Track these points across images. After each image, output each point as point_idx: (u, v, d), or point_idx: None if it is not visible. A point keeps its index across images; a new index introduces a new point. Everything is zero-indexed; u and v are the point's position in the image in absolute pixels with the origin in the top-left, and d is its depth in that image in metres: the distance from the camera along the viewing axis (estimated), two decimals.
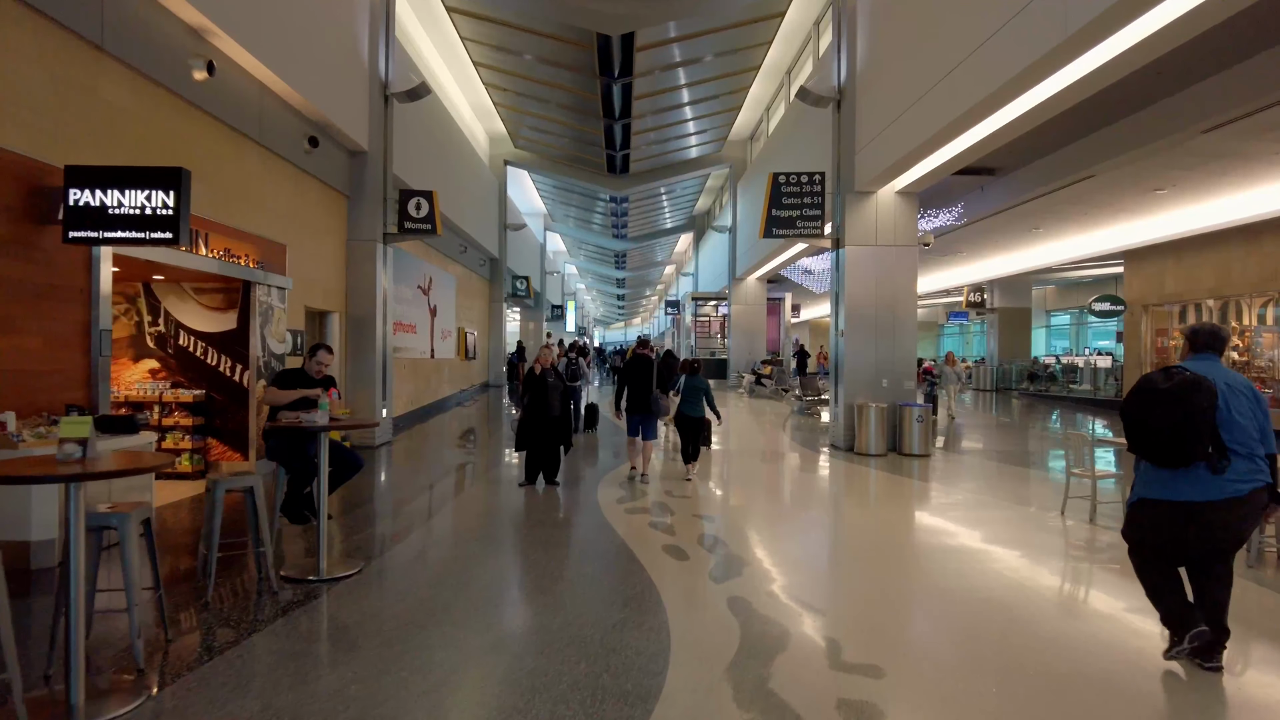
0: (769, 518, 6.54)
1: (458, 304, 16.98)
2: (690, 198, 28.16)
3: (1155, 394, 2.98)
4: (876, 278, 10.23)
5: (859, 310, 10.18)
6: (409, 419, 12.86)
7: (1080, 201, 13.69)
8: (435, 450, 10.51)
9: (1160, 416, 2.94)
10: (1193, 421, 2.88)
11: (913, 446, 9.70)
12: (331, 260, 9.75)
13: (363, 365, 10.11)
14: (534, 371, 7.09)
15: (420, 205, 10.43)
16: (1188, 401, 2.88)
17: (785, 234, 10.39)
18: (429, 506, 6.78)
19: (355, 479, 5.50)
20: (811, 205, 10.38)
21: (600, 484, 7.52)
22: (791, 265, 20.77)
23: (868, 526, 6.29)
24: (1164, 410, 2.93)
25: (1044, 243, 17.42)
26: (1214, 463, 2.91)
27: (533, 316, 30.82)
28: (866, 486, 8.03)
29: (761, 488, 7.97)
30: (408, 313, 12.82)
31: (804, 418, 14.43)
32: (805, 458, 9.85)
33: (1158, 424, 2.95)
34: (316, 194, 9.27)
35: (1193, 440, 2.88)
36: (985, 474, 8.74)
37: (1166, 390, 2.94)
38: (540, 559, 4.89)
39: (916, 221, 10.43)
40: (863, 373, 10.17)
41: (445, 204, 14.60)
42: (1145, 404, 3.01)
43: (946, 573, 4.64)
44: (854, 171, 10.19)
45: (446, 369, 15.80)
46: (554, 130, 18.88)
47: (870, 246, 10.24)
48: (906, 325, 10.29)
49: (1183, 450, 2.91)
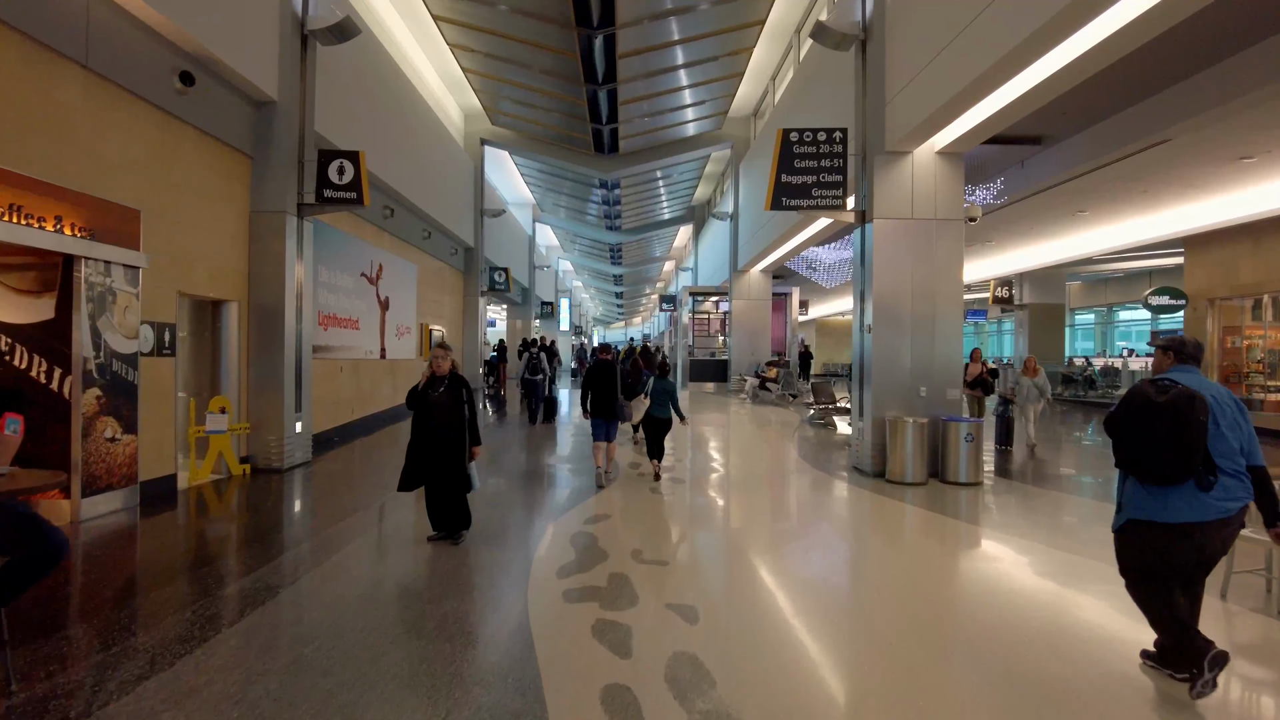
0: (779, 609, 4.27)
1: (422, 297, 14.95)
2: (688, 185, 26.10)
3: (1152, 408, 2.87)
4: (912, 259, 8.18)
5: (890, 300, 8.13)
6: (347, 432, 10.82)
7: (1140, 176, 11.62)
8: (359, 476, 8.47)
9: (1157, 431, 2.84)
10: (1190, 436, 2.79)
11: (959, 472, 7.64)
12: (226, 235, 7.72)
13: (266, 367, 8.08)
14: (416, 388, 5.10)
15: (344, 169, 8.41)
16: (1186, 416, 2.79)
17: (798, 204, 8.34)
18: (281, 573, 4.65)
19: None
20: (831, 169, 8.34)
21: (544, 532, 5.49)
22: (797, 256, 18.73)
23: (928, 617, 4.21)
24: (1161, 425, 2.84)
25: (1088, 228, 15.33)
26: (1203, 480, 2.82)
27: (520, 314, 28.83)
28: (911, 535, 5.95)
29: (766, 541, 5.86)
30: (346, 304, 10.79)
31: (815, 429, 12.37)
32: (822, 488, 7.79)
33: (1154, 439, 2.85)
34: (199, 149, 7.25)
35: (1190, 456, 2.80)
36: (1067, 515, 6.67)
37: (1164, 404, 2.84)
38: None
39: (962, 189, 8.36)
40: (895, 378, 8.12)
41: (403, 181, 12.59)
42: (1140, 418, 2.90)
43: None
44: (884, 127, 8.14)
45: (404, 371, 13.76)
46: (535, 103, 16.82)
47: (904, 220, 8.19)
48: (950, 319, 8.23)
49: (1179, 467, 2.82)
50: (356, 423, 11.28)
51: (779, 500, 7.24)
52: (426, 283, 15.42)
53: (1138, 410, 2.93)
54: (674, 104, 16.59)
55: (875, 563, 5.15)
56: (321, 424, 10.04)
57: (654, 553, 4.96)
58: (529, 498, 6.96)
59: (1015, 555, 5.14)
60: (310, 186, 8.39)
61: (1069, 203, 13.88)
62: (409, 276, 13.97)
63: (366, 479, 8.04)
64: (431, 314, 15.82)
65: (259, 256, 8.10)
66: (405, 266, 13.72)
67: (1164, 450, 2.83)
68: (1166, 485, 2.86)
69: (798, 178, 8.34)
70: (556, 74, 14.34)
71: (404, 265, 13.63)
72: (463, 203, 17.85)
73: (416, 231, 14.39)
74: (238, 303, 7.95)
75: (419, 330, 14.74)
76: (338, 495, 7.31)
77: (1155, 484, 2.89)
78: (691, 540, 5.45)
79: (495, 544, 5.14)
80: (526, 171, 24.25)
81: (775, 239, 15.00)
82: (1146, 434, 2.87)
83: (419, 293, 14.67)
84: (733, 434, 12.23)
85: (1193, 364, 3.11)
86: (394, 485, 5.30)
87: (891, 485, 7.59)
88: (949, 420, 7.81)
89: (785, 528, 6.05)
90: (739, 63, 14.95)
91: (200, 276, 7.28)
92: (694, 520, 6.17)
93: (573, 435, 11.48)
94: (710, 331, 23.30)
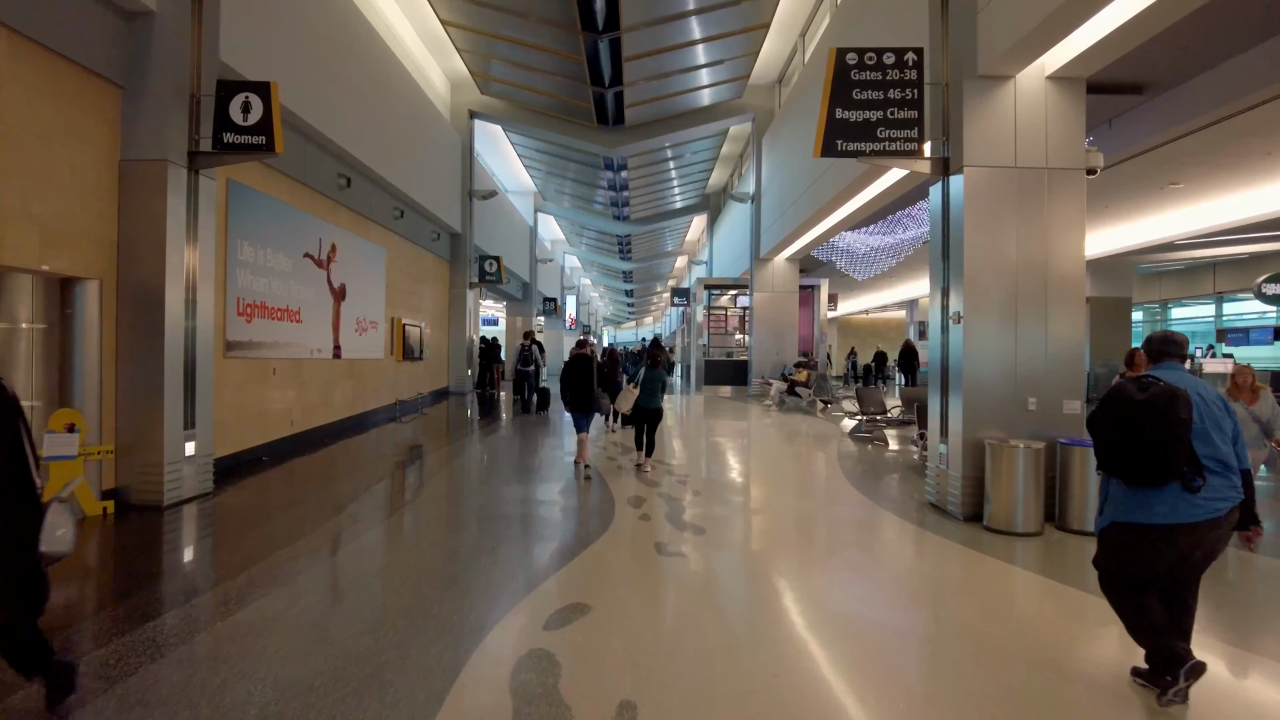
0: None
1: (394, 286, 12.89)
2: (702, 169, 23.91)
3: (1133, 405, 2.76)
4: (1017, 222, 5.99)
5: (986, 280, 5.95)
6: (284, 449, 8.75)
7: (1271, 132, 9.35)
8: (276, 512, 6.35)
9: (1138, 430, 2.73)
10: (1172, 435, 2.69)
11: (1086, 518, 5.44)
12: (79, 189, 5.65)
13: (142, 369, 6.00)
14: None
15: (250, 106, 6.32)
16: (1167, 413, 2.69)
17: (858, 150, 6.16)
18: (95, 691, 2.61)
19: None
20: (902, 103, 6.18)
21: (470, 652, 3.35)
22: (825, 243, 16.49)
23: None
24: (1142, 423, 2.72)
25: (1178, 206, 12.98)
26: (1189, 481, 2.70)
27: (521, 311, 26.79)
28: (1038, 624, 3.72)
29: (842, 652, 3.69)
30: (282, 291, 8.72)
31: (859, 444, 10.17)
32: (897, 540, 5.61)
33: (1136, 439, 2.74)
34: (40, 72, 5.19)
35: (1173, 456, 2.69)
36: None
37: (1144, 402, 2.74)
38: None
39: (1083, 127, 6.15)
40: (992, 386, 5.92)
41: (364, 147, 10.49)
42: (1121, 417, 2.79)
43: None
44: (975, 44, 5.95)
45: (369, 375, 11.70)
46: (529, 63, 14.70)
47: (1005, 169, 6.00)
48: (1068, 304, 6.02)
49: (1163, 467, 2.70)
50: (298, 437, 9.21)
51: (844, 567, 5.04)
52: (400, 270, 13.35)
53: (1118, 409, 2.81)
54: (686, 62, 14.38)
55: (993, 678, 2.95)
56: (245, 441, 7.98)
57: (656, 710, 2.79)
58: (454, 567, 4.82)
59: (1228, 670, 3.00)
60: (208, 130, 6.32)
61: (1160, 173, 11.58)
62: (374, 261, 11.90)
63: (284, 516, 5.92)
64: (407, 306, 13.75)
65: (132, 220, 6.02)
66: (369, 249, 11.65)
67: (1146, 450, 2.71)
68: (1151, 488, 2.74)
69: (857, 113, 6.17)
70: (551, 22, 12.20)
71: (367, 248, 11.56)
72: (447, 182, 15.77)
73: (385, 209, 12.31)
74: (99, 282, 5.87)
75: (390, 325, 12.67)
76: (231, 544, 5.22)
77: (1141, 486, 2.76)
78: (716, 661, 3.27)
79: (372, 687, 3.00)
80: (526, 154, 22.16)
81: (810, 215, 12.73)
82: (1128, 434, 2.76)
83: (389, 281, 12.59)
84: (762, 452, 10.05)
85: (1170, 360, 3.01)
86: (324, 523, 3.17)
87: (993, 535, 5.42)
88: (1069, 444, 5.60)
89: (863, 618, 3.85)
90: (764, 10, 12.73)
91: (27, 243, 5.20)
92: (720, 606, 4.00)
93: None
94: (727, 329, 21.07)
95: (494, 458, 9.18)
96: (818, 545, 5.43)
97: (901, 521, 5.93)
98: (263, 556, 4.68)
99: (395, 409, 12.77)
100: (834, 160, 10.96)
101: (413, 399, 13.48)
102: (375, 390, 12.02)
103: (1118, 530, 2.88)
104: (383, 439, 10.43)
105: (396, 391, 12.99)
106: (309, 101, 8.77)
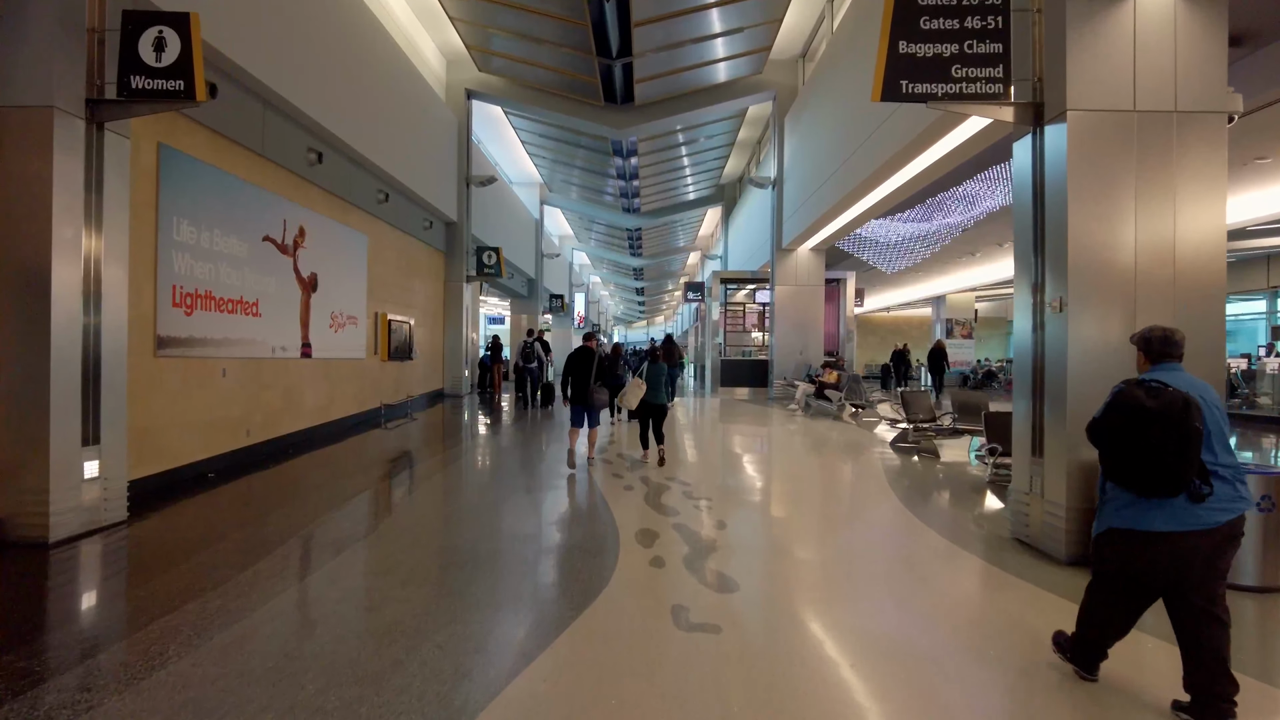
0: None
1: (378, 278, 11.67)
2: (716, 156, 22.56)
3: (1145, 414, 2.55)
4: (1135, 182, 4.64)
5: (1098, 258, 4.60)
6: (238, 463, 7.54)
7: None
8: (203, 547, 5.09)
9: (1149, 440, 2.53)
10: (1189, 446, 2.50)
11: (1243, 569, 4.09)
12: None
13: (20, 371, 4.78)
14: None
15: (163, 42, 5.08)
16: (1182, 424, 2.50)
17: (929, 92, 4.83)
18: None
19: None
20: (982, 34, 4.85)
21: None
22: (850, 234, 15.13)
23: None
24: (1154, 433, 2.52)
25: (1262, 185, 11.51)
26: (1196, 490, 2.55)
27: (526, 308, 25.60)
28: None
29: None
30: (235, 280, 7.50)
31: (902, 456, 8.83)
32: (982, 592, 4.28)
33: (1149, 449, 2.54)
34: None
35: (1189, 466, 2.51)
36: None
37: (1157, 411, 2.53)
38: None
39: (1224, 58, 4.79)
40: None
41: (338, 119, 9.27)
42: (1132, 426, 2.58)
43: None
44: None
45: (346, 376, 10.48)
46: (529, 32, 13.44)
47: (1120, 113, 4.65)
48: (1205, 290, 4.67)
49: (1177, 478, 2.53)
50: (257, 449, 8.00)
51: (934, 645, 3.69)
52: (385, 260, 12.13)
53: (1128, 417, 2.60)
54: (701, 30, 13.04)
55: None
56: (185, 455, 6.78)
57: None
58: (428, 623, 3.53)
59: None
60: (113, 72, 5.09)
61: (1247, 145, 10.17)
62: (354, 249, 10.68)
63: (202, 555, 4.65)
64: (395, 300, 12.53)
65: (4, 182, 4.80)
66: (347, 235, 10.43)
67: (1159, 461, 2.52)
68: (1162, 498, 2.58)
69: (926, 47, 4.84)
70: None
71: (344, 233, 10.34)
72: (442, 167, 14.55)
73: (366, 192, 11.09)
74: None
75: (372, 321, 11.46)
76: (127, 593, 3.97)
77: (1153, 497, 2.59)
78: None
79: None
80: (530, 141, 20.93)
81: (843, 197, 11.34)
82: (1140, 443, 2.55)
83: (372, 272, 11.38)
84: (796, 468, 8.72)
85: (1169, 360, 2.82)
86: (243, 570, 1.91)
87: None
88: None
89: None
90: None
91: None
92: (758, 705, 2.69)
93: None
94: (745, 326, 19.72)
95: (479, 473, 7.93)
96: (886, 610, 4.08)
97: (983, 562, 4.61)
98: (156, 614, 3.43)
99: (380, 414, 11.55)
100: (876, 127, 9.61)
101: (401, 403, 12.26)
102: (356, 394, 10.80)
103: (1114, 536, 2.75)
104: (361, 449, 9.19)
105: (381, 395, 11.77)
106: (269, 60, 7.55)
